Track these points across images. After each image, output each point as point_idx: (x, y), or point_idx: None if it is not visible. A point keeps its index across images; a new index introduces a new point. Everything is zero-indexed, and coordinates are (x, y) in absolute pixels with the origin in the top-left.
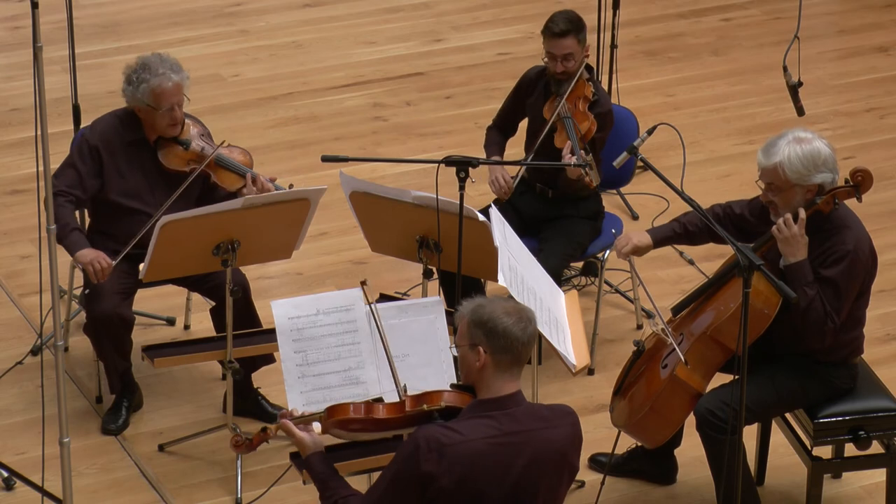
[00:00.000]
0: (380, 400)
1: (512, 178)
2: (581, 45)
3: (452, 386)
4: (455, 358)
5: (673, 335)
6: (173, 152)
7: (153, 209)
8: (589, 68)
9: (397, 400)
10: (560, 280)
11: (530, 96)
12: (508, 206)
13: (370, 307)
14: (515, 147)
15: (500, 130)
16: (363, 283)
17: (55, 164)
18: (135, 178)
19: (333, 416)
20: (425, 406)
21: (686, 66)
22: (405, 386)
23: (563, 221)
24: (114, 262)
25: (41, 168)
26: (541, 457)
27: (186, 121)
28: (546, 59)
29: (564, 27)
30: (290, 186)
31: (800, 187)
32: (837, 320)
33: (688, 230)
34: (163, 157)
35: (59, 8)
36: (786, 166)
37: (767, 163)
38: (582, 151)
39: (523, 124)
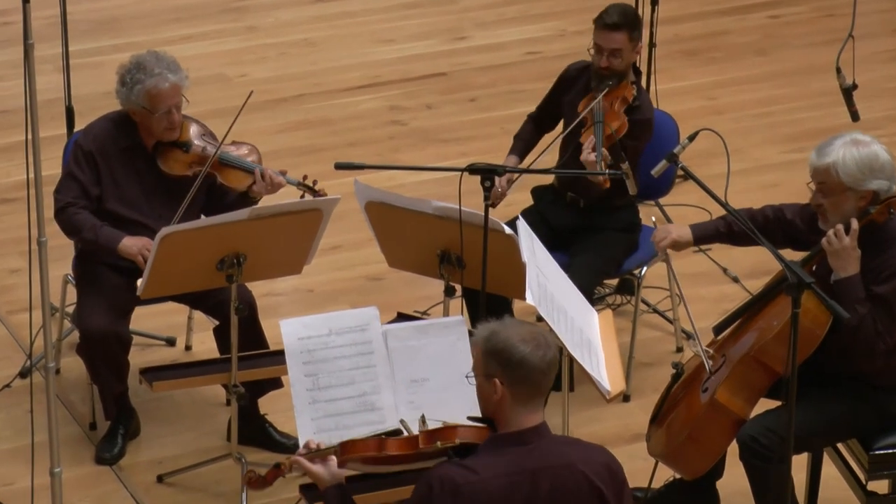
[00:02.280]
0: (397, 432)
1: (509, 182)
2: (633, 44)
3: (470, 419)
4: None
5: (713, 357)
6: (173, 157)
7: (152, 219)
8: (637, 71)
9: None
10: (593, 298)
11: (567, 93)
12: (537, 218)
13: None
14: (549, 152)
15: (536, 124)
16: (402, 422)
17: (47, 172)
18: (131, 186)
19: (347, 453)
20: (439, 443)
21: (729, 67)
22: (423, 416)
23: (596, 234)
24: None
25: (32, 175)
26: (565, 497)
27: (185, 121)
28: (592, 51)
29: (618, 20)
30: (304, 178)
31: (852, 192)
32: (890, 341)
33: (732, 230)
34: (163, 163)
35: (51, 3)
36: (839, 168)
37: (820, 163)
38: (605, 150)
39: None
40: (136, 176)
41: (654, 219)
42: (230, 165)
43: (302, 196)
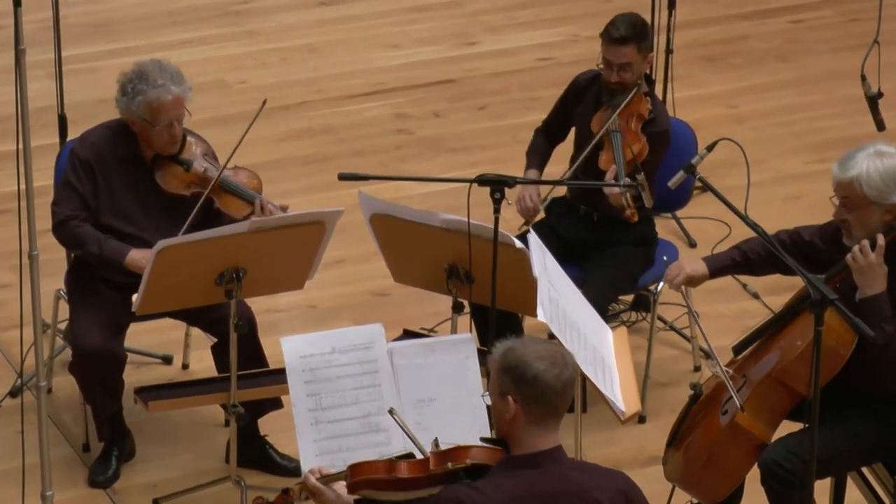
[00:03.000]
0: (409, 456)
1: (542, 199)
2: (642, 55)
3: (483, 440)
4: (489, 406)
5: (733, 377)
6: (172, 173)
7: (148, 234)
8: (649, 80)
9: (421, 457)
10: (607, 315)
11: (579, 104)
12: (549, 231)
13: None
14: (560, 164)
15: (546, 136)
16: (391, 412)
17: (38, 183)
18: (128, 198)
19: (356, 476)
20: (450, 464)
21: (750, 73)
22: (436, 440)
23: (610, 249)
24: None
25: (23, 186)
26: None
27: (188, 138)
28: (601, 66)
29: (625, 33)
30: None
31: (878, 206)
32: None
33: (749, 259)
34: (161, 177)
35: (44, 6)
36: (863, 181)
37: (843, 176)
38: (627, 178)
39: (567, 139)
40: (133, 188)
41: (665, 258)
42: (230, 192)
43: None
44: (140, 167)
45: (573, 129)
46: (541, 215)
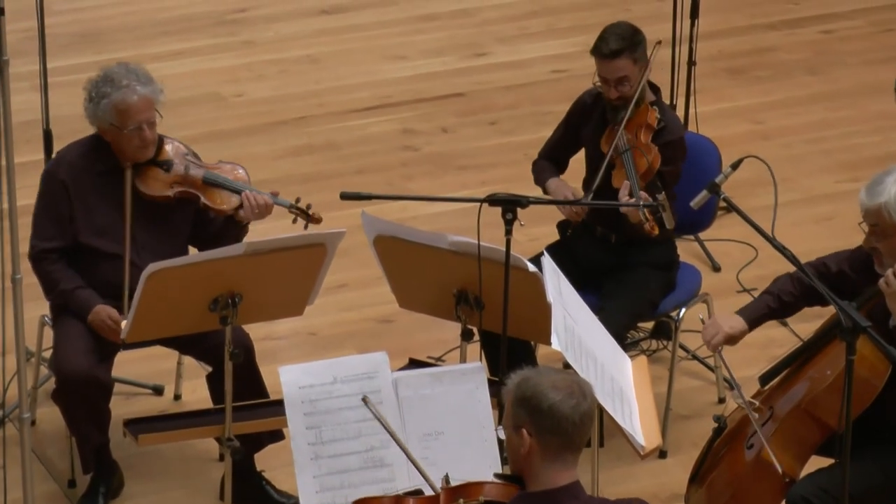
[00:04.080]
0: (418, 492)
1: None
2: (638, 65)
3: (497, 476)
4: (501, 439)
5: (759, 409)
6: (153, 176)
7: (133, 251)
8: (654, 88)
9: (431, 493)
10: (626, 343)
11: (585, 125)
12: (564, 254)
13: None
14: (573, 185)
15: (551, 161)
16: (364, 401)
17: (23, 201)
18: (109, 213)
19: None
20: (462, 501)
21: (777, 87)
22: (447, 475)
23: (629, 273)
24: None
25: (6, 205)
26: None
27: (165, 140)
28: (598, 84)
29: (616, 46)
30: (297, 201)
31: None
32: None
33: (783, 302)
34: (141, 183)
35: (28, 14)
36: (892, 208)
37: (870, 203)
38: (643, 193)
39: (577, 158)
40: (115, 202)
41: (701, 316)
42: (215, 185)
43: (294, 221)
44: (120, 179)
45: (583, 152)
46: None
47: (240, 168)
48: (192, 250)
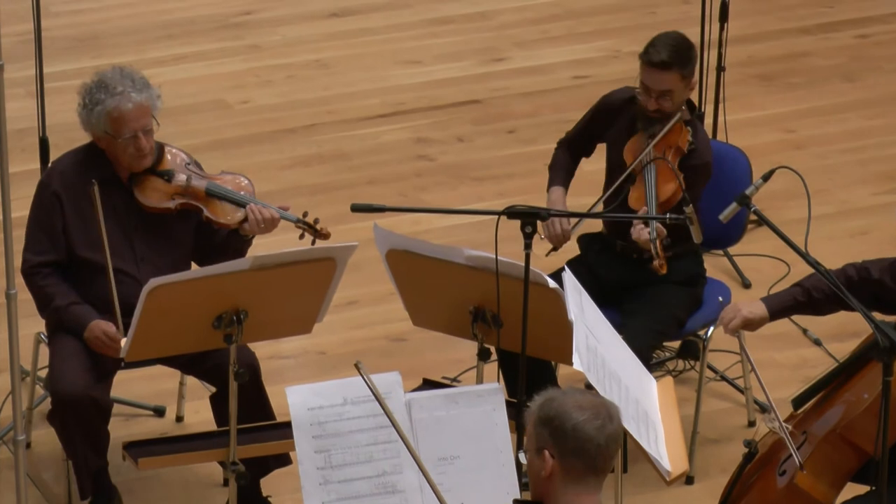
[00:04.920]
0: None
1: (573, 226)
2: (685, 82)
3: (516, 502)
4: (520, 464)
5: (792, 434)
6: (152, 186)
7: (132, 265)
8: (691, 106)
9: None
10: (651, 363)
11: (611, 126)
12: (585, 269)
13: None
14: (593, 193)
15: (570, 151)
16: (357, 367)
17: (17, 213)
18: (108, 227)
19: None
20: None
21: (811, 94)
22: None
23: (653, 289)
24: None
25: (1, 216)
26: None
27: (165, 148)
28: (639, 91)
29: (667, 57)
30: (304, 215)
31: None
32: None
33: (813, 298)
34: (140, 193)
35: (24, 17)
36: None
37: None
38: (659, 225)
39: (596, 170)
40: (112, 214)
41: (721, 299)
42: (218, 197)
43: (301, 236)
44: (117, 190)
45: (605, 154)
46: (573, 245)
47: (244, 179)
48: (194, 265)
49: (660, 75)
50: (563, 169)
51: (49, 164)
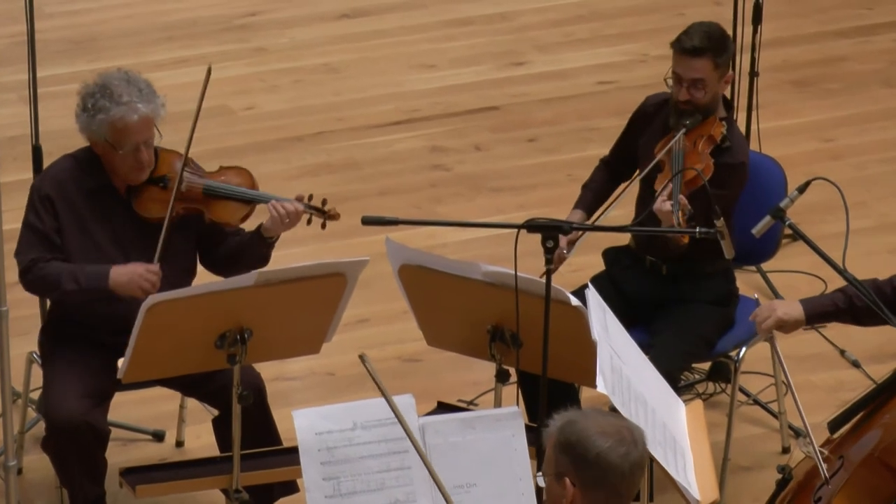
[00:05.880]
0: None
1: (571, 242)
2: (719, 73)
3: None
4: (540, 489)
5: (828, 459)
6: (149, 196)
7: None
8: (727, 104)
9: None
10: (679, 386)
11: (642, 134)
12: (610, 286)
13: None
14: (622, 207)
15: (610, 170)
16: (362, 358)
17: (9, 225)
18: (102, 236)
19: None
20: None
21: (849, 100)
22: None
23: (682, 307)
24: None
25: None
26: None
27: (161, 154)
28: (670, 81)
29: (699, 43)
30: (310, 198)
31: None
32: None
33: (854, 305)
34: (138, 205)
35: (16, 18)
36: None
37: None
38: (682, 198)
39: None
40: (108, 223)
41: (755, 295)
42: (218, 196)
43: (308, 221)
44: (112, 198)
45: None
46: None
47: (243, 170)
48: (200, 279)
49: (691, 62)
50: (592, 191)
51: (40, 174)
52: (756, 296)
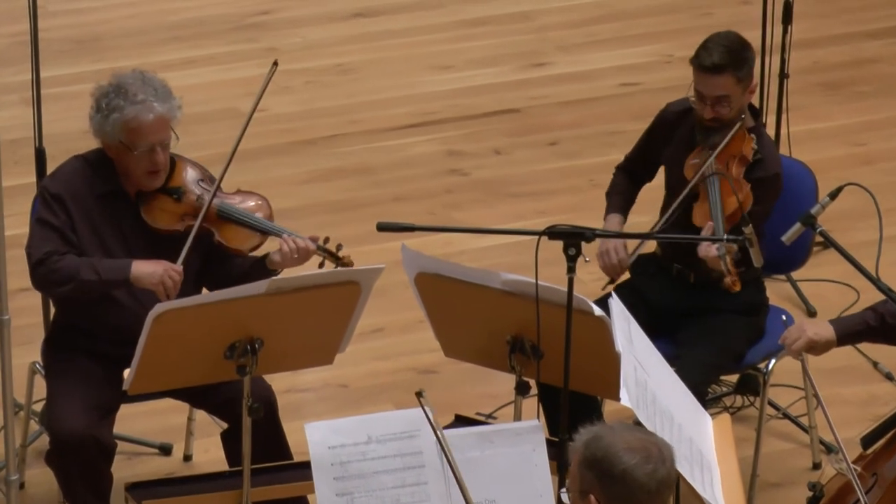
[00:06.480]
0: None
1: (631, 253)
2: (742, 85)
3: None
4: None
5: (861, 476)
6: (161, 206)
7: (136, 288)
8: (754, 112)
9: None
10: (706, 399)
11: (668, 143)
12: (635, 296)
13: (437, 435)
14: (648, 213)
15: (629, 175)
16: (419, 395)
17: (11, 231)
18: (112, 240)
19: None
20: None
21: (881, 104)
22: None
23: (709, 317)
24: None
25: None
26: None
27: (178, 162)
28: (693, 98)
29: (719, 60)
30: (325, 241)
31: None
32: None
33: (886, 324)
34: (148, 214)
35: (19, 17)
36: None
37: None
38: (728, 241)
39: (650, 187)
40: (118, 230)
41: (784, 317)
42: (232, 220)
43: (321, 264)
44: (122, 203)
45: (663, 171)
46: (626, 275)
47: (262, 200)
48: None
49: (713, 80)
50: (620, 195)
51: (50, 172)
52: (784, 317)
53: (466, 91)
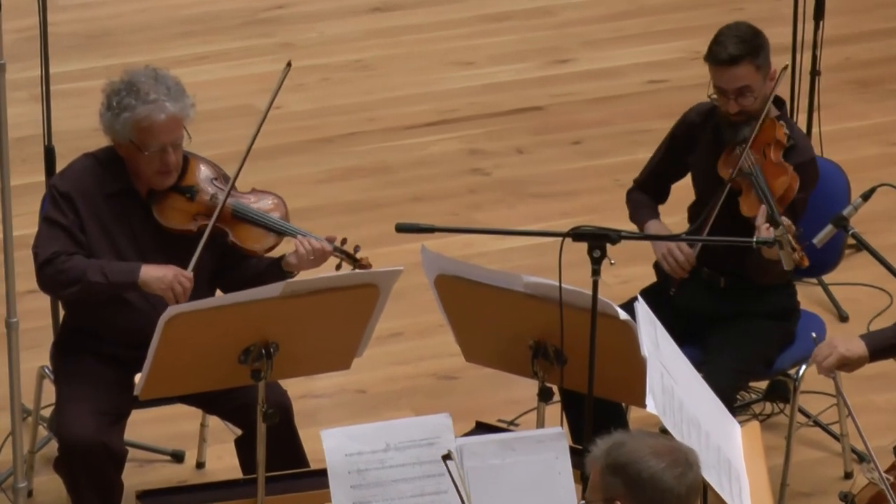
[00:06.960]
0: None
1: (695, 250)
2: (762, 73)
3: None
4: None
5: (894, 485)
6: (173, 205)
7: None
8: (779, 102)
9: None
10: (734, 407)
11: (692, 150)
12: (662, 300)
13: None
14: (675, 214)
15: (645, 193)
16: (445, 458)
17: (20, 231)
18: (122, 241)
19: None
20: None
21: None
22: None
23: (739, 322)
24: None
25: (1, 235)
26: None
27: (191, 160)
28: (714, 96)
29: (735, 51)
30: (342, 242)
31: None
32: None
33: None
34: (160, 213)
35: (28, 12)
36: None
37: None
38: (784, 218)
39: (678, 185)
40: (129, 230)
41: (814, 335)
42: (246, 220)
43: (338, 266)
44: (133, 202)
45: (690, 178)
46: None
47: (277, 199)
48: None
49: (732, 72)
50: (647, 206)
51: (57, 173)
52: (814, 335)
53: (488, 88)
